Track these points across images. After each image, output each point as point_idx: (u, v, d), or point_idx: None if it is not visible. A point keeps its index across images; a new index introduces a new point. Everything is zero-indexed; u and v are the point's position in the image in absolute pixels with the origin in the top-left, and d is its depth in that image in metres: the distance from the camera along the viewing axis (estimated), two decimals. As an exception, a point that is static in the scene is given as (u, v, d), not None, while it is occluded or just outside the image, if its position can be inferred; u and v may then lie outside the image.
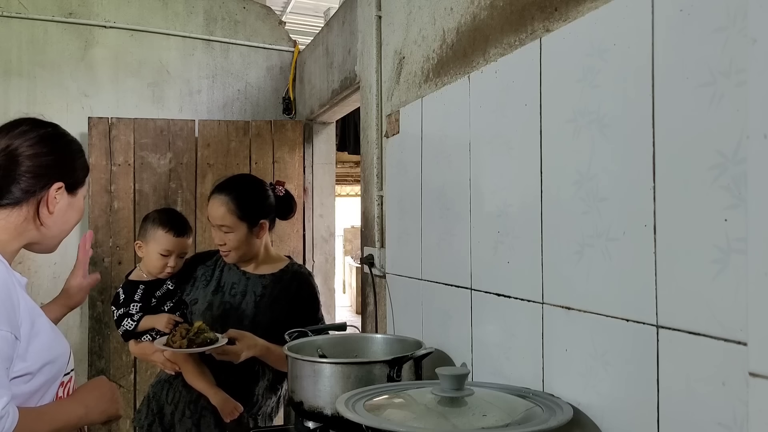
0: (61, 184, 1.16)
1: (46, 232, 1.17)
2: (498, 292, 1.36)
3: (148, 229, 1.92)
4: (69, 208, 1.19)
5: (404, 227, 1.86)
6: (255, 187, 1.91)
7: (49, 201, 1.15)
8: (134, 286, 1.90)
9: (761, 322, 0.61)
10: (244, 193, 1.84)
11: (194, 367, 1.79)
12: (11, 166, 1.11)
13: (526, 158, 1.25)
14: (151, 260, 1.90)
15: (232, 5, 3.76)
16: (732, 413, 0.80)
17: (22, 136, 1.13)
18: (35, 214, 1.14)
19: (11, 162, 1.11)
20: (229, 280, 1.91)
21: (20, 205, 1.13)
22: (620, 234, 1.00)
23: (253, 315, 1.84)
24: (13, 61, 3.37)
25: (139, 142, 3.38)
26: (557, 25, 1.18)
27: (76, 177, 1.20)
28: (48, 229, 1.17)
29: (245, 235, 1.83)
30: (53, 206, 1.15)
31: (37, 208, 1.14)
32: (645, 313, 0.94)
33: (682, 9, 0.88)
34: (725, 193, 0.81)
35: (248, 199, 1.84)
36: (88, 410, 1.17)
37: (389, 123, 2.00)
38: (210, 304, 1.87)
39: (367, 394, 1.15)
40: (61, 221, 1.19)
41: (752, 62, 0.63)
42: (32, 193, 1.13)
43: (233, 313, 1.85)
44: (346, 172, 7.60)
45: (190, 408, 1.82)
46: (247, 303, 1.86)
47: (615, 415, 1.01)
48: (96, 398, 1.21)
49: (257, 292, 1.87)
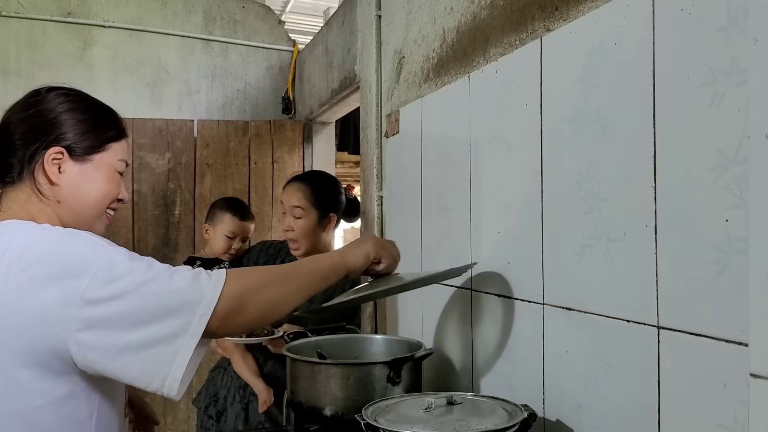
0: (60, 149, 1.00)
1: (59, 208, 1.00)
2: (498, 292, 1.36)
3: (216, 213, 2.18)
4: (83, 177, 1.02)
5: (404, 227, 1.86)
6: (331, 181, 2.04)
7: (47, 169, 0.98)
8: (193, 261, 2.15)
9: (762, 322, 0.61)
10: (320, 184, 1.96)
11: (240, 356, 1.92)
12: (7, 138, 1.00)
13: (526, 158, 1.25)
14: (218, 242, 2.15)
15: (231, 5, 3.76)
16: (733, 414, 0.80)
17: (15, 106, 1.03)
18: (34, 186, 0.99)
19: (6, 134, 1.00)
20: None
21: (22, 180, 0.99)
22: (621, 234, 1.00)
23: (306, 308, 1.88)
24: (11, 60, 3.36)
25: (138, 142, 3.37)
26: (558, 24, 1.17)
27: (84, 139, 1.02)
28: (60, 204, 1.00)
29: (314, 223, 1.90)
30: (54, 175, 0.99)
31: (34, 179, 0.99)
32: (646, 313, 0.94)
33: (682, 8, 0.88)
34: (726, 194, 0.80)
35: (324, 189, 1.95)
36: (342, 255, 1.15)
37: (389, 123, 2.00)
38: None
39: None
40: (77, 194, 1.01)
41: (753, 62, 0.62)
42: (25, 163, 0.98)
43: None
44: (346, 172, 7.60)
45: (239, 393, 1.92)
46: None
47: (616, 416, 1.01)
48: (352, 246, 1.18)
49: None
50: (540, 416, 1.17)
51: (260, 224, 3.50)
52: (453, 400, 1.14)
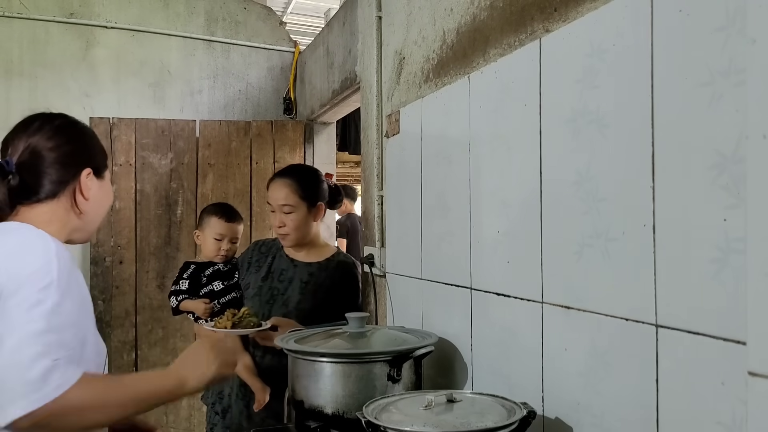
0: (89, 170, 1.18)
1: (85, 218, 1.19)
2: (498, 291, 1.36)
3: (204, 218, 2.24)
4: (100, 192, 1.21)
5: (404, 227, 1.86)
6: (313, 173, 2.07)
7: (83, 187, 1.17)
8: (187, 266, 2.20)
9: (760, 321, 0.61)
10: (304, 177, 1.99)
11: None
12: (37, 161, 1.14)
13: (525, 158, 1.25)
14: (207, 245, 2.19)
15: (233, 6, 3.77)
16: (731, 413, 0.80)
17: (38, 132, 1.15)
18: (73, 203, 1.17)
19: (36, 158, 1.14)
20: (279, 267, 2.00)
21: (58, 197, 1.15)
22: (620, 234, 1.00)
23: (297, 301, 1.92)
24: (14, 61, 3.37)
25: (140, 142, 3.38)
26: (557, 25, 1.18)
27: (98, 161, 1.22)
28: (87, 215, 1.19)
29: (305, 215, 1.93)
30: (87, 192, 1.17)
31: (73, 197, 1.17)
32: (644, 312, 0.94)
33: (681, 9, 0.88)
34: (724, 193, 0.81)
35: (309, 181, 1.98)
36: (182, 381, 1.11)
37: (389, 123, 2.00)
38: (259, 288, 1.99)
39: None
40: (97, 206, 1.21)
41: (751, 62, 0.63)
42: (66, 183, 1.15)
43: (279, 298, 1.94)
44: (347, 172, 7.60)
45: (242, 390, 1.93)
46: (293, 289, 1.94)
47: (614, 414, 1.02)
48: (192, 366, 1.14)
49: (303, 279, 1.95)
50: (539, 414, 1.17)
51: (261, 224, 3.50)
52: (453, 398, 1.15)
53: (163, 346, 3.37)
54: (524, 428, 1.06)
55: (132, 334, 3.34)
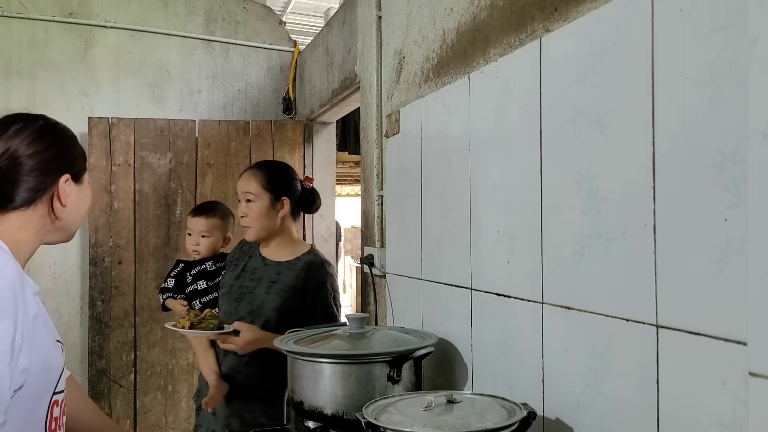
0: (68, 176, 1.16)
1: (61, 224, 1.18)
2: (498, 292, 1.36)
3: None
4: (79, 196, 1.20)
5: (404, 227, 1.86)
6: (283, 167, 2.07)
7: (61, 194, 1.15)
8: (177, 264, 2.27)
9: (761, 321, 0.61)
10: (272, 169, 1.99)
11: (202, 351, 1.97)
12: (16, 168, 1.11)
13: (526, 158, 1.25)
14: (185, 242, 2.25)
15: (232, 5, 3.76)
16: (732, 413, 0.80)
17: (18, 136, 1.12)
18: (50, 210, 1.15)
19: (14, 164, 1.11)
20: (252, 266, 1.98)
21: (35, 204, 1.13)
22: (620, 234, 1.00)
23: (262, 300, 1.90)
24: (13, 60, 3.37)
25: (140, 142, 3.38)
26: (557, 25, 1.18)
27: (78, 165, 1.20)
28: (64, 221, 1.17)
29: (267, 207, 1.91)
30: (65, 199, 1.16)
31: (50, 204, 1.16)
32: (645, 312, 0.94)
33: (681, 9, 0.88)
34: (725, 193, 0.81)
35: (276, 174, 1.97)
36: None
37: (389, 123, 2.00)
38: (231, 287, 1.98)
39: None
40: (75, 211, 1.20)
41: (752, 62, 0.63)
42: (43, 190, 1.13)
43: (247, 297, 1.92)
44: (346, 172, 7.60)
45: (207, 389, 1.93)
46: (260, 288, 1.92)
47: (615, 414, 1.01)
48: None
49: (271, 278, 1.92)
50: (539, 415, 1.17)
51: (261, 224, 3.49)
52: (453, 399, 1.15)
53: (162, 346, 3.37)
54: (524, 429, 1.06)
55: (131, 334, 3.34)
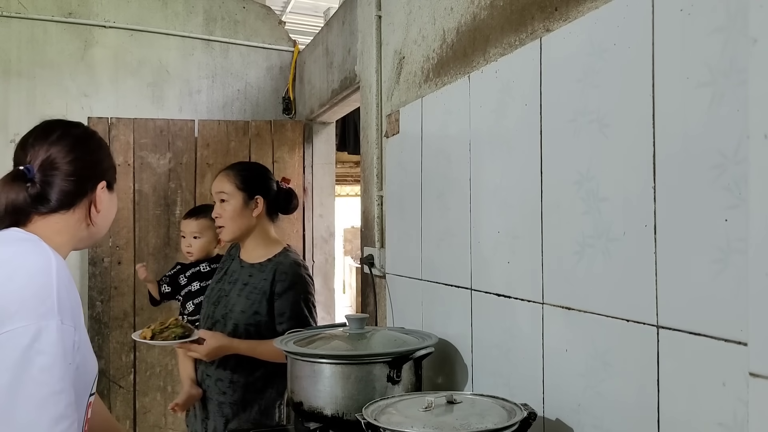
0: (104, 183, 1.21)
1: (94, 230, 1.22)
2: (498, 292, 1.36)
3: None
4: (110, 203, 1.24)
5: (404, 227, 1.86)
6: (257, 168, 2.06)
7: (97, 200, 1.20)
8: (174, 266, 2.38)
9: (761, 322, 0.61)
10: (245, 169, 2.00)
11: (180, 357, 2.04)
12: (56, 172, 1.15)
13: (526, 158, 1.25)
14: (180, 245, 2.32)
15: (231, 5, 3.76)
16: (732, 413, 0.80)
17: (59, 143, 1.16)
18: (87, 214, 1.19)
19: (56, 169, 1.15)
20: (232, 269, 1.98)
21: (73, 209, 1.16)
22: (620, 234, 1.00)
23: (234, 303, 1.89)
24: (12, 60, 3.37)
25: (139, 142, 3.38)
26: (557, 24, 1.18)
27: (111, 174, 1.25)
28: (96, 227, 1.22)
29: (240, 206, 1.90)
30: (101, 205, 1.20)
31: (88, 209, 1.19)
32: (645, 313, 0.94)
33: (682, 9, 0.88)
34: (725, 193, 0.81)
35: (249, 173, 1.96)
36: None
37: (389, 123, 2.00)
38: (211, 290, 2.00)
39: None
40: (107, 218, 1.24)
41: (752, 62, 0.63)
42: (83, 195, 1.17)
43: (223, 300, 1.93)
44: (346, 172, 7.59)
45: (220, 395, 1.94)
46: (234, 291, 1.91)
47: (615, 415, 1.01)
48: None
49: (243, 281, 1.91)
50: (539, 415, 1.17)
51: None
52: (453, 399, 1.15)
53: (161, 347, 3.35)
54: (525, 430, 1.06)
55: (131, 335, 3.34)
